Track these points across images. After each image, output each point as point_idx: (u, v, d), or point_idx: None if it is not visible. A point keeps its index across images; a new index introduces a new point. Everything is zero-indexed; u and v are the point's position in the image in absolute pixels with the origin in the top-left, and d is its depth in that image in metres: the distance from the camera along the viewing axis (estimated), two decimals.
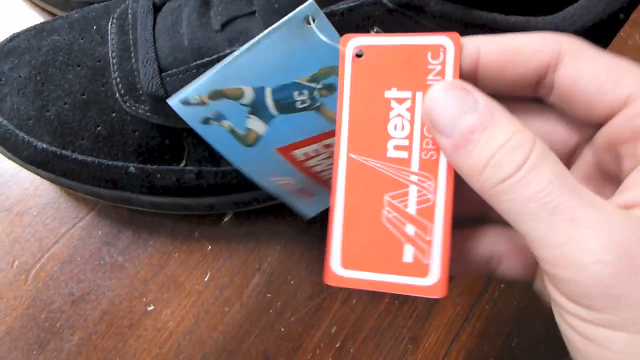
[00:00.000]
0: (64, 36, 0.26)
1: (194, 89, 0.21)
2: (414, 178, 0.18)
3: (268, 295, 0.29)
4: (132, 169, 0.25)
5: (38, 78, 0.25)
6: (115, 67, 0.24)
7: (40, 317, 0.29)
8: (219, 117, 0.22)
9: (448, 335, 0.30)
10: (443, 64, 0.18)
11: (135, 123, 0.25)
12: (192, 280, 0.29)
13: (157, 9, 0.25)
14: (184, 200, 0.27)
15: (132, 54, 0.24)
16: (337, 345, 0.29)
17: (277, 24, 0.20)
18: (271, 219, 0.31)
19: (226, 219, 0.30)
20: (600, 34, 0.23)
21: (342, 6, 0.20)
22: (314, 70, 0.21)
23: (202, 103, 0.21)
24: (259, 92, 0.21)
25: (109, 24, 0.25)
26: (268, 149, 0.23)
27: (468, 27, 0.21)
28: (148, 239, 0.30)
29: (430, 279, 0.17)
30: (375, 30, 0.20)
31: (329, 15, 0.20)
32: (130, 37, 0.24)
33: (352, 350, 0.29)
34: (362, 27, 0.21)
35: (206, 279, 0.30)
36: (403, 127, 0.18)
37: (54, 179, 0.27)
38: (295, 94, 0.22)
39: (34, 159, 0.26)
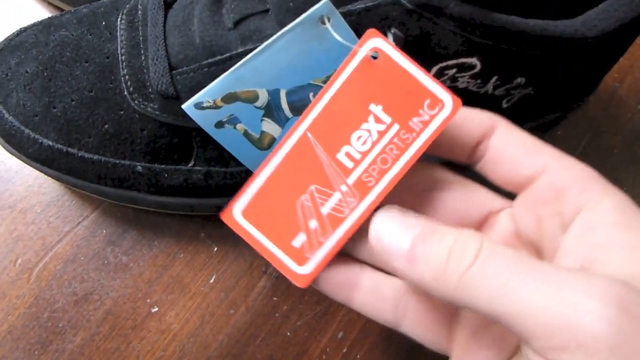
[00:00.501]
0: (72, 31, 0.25)
1: (207, 92, 0.21)
2: (343, 188, 0.19)
3: (274, 298, 0.29)
4: (139, 168, 0.25)
5: (45, 74, 0.25)
6: (124, 64, 0.24)
7: (42, 317, 0.28)
8: (233, 121, 0.21)
9: None
10: (432, 117, 0.19)
11: (144, 121, 0.24)
12: (198, 282, 0.29)
13: (167, 6, 0.24)
14: (191, 200, 0.27)
15: (142, 51, 0.24)
16: (344, 350, 0.29)
17: (291, 24, 0.20)
18: None
19: None
20: (621, 38, 0.23)
21: (359, 6, 0.20)
22: (329, 71, 0.21)
23: (216, 106, 0.21)
24: (274, 94, 0.21)
25: (118, 19, 0.25)
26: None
27: (486, 30, 0.21)
28: (153, 239, 0.29)
29: (303, 270, 0.20)
30: (392, 31, 0.20)
31: (345, 15, 0.20)
32: (140, 33, 0.24)
33: (358, 356, 0.29)
34: (379, 28, 0.20)
35: (212, 281, 0.29)
36: (365, 142, 0.19)
37: (59, 176, 0.26)
38: (311, 95, 0.21)
39: (40, 156, 0.25)
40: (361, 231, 0.20)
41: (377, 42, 0.18)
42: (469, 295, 0.15)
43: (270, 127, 0.22)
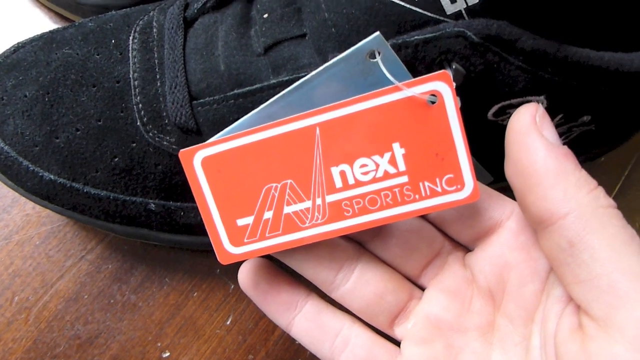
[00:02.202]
0: (77, 50, 0.22)
1: (233, 129, 0.18)
2: (318, 201, 0.18)
3: (297, 342, 0.26)
4: (152, 205, 0.22)
5: (46, 99, 0.22)
6: (137, 90, 0.21)
7: None
8: None
9: None
10: (444, 193, 0.18)
11: (159, 155, 0.21)
12: (213, 324, 0.26)
13: (187, 24, 0.21)
14: (208, 239, 0.24)
15: (158, 76, 0.21)
16: None
17: (335, 59, 0.17)
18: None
19: None
20: None
21: (416, 37, 0.17)
22: None
23: None
24: None
25: (130, 38, 0.22)
26: None
27: (559, 65, 0.18)
28: (164, 275, 0.27)
29: (232, 250, 0.19)
30: (454, 67, 0.17)
31: (400, 47, 0.17)
32: (156, 55, 0.21)
33: None
34: (438, 64, 0.17)
35: (228, 323, 0.26)
36: (366, 173, 0.18)
37: (61, 212, 0.23)
38: None
39: (40, 190, 0.22)
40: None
41: (440, 87, 0.16)
42: (594, 228, 0.16)
43: None
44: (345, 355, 0.21)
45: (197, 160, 0.18)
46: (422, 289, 0.21)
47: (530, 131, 0.16)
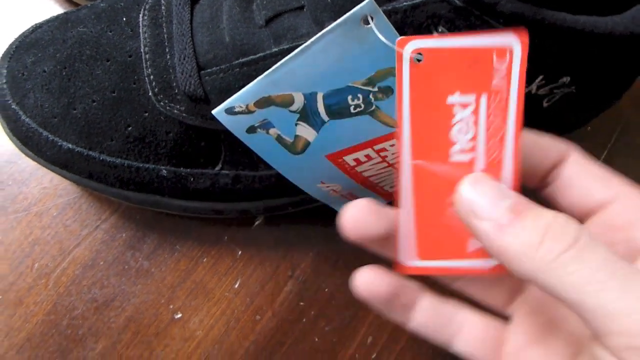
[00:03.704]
0: (90, 28, 0.24)
1: (240, 96, 0.20)
2: None
3: (301, 303, 0.28)
4: (164, 172, 0.24)
5: (64, 73, 0.23)
6: (148, 63, 0.23)
7: (61, 324, 0.27)
8: (266, 125, 0.20)
9: None
10: (509, 66, 0.17)
11: (169, 123, 0.23)
12: (222, 287, 0.28)
13: (193, 1, 0.23)
14: (217, 205, 0.26)
15: (167, 50, 0.23)
16: (373, 356, 0.28)
17: (331, 25, 0.18)
18: (304, 223, 0.29)
19: (257, 223, 0.29)
20: None
21: (404, 3, 0.19)
22: (370, 73, 0.19)
23: (249, 111, 0.20)
24: (310, 98, 0.20)
25: (140, 15, 0.24)
26: (317, 156, 0.21)
27: (536, 27, 0.20)
28: (175, 242, 0.29)
29: (492, 262, 0.19)
30: (440, 30, 0.19)
31: (390, 13, 0.19)
32: (165, 30, 0.23)
33: None
34: (425, 27, 0.19)
35: (236, 286, 0.28)
36: (467, 131, 0.18)
37: (78, 180, 0.25)
38: (349, 98, 0.20)
39: (58, 159, 0.24)
40: None
41: (415, 44, 0.17)
42: (556, 278, 0.15)
43: (305, 130, 0.21)
44: (460, 337, 0.21)
45: (416, 263, 0.19)
46: None
47: (472, 217, 0.17)
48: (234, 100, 0.20)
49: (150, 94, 0.23)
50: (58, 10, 0.31)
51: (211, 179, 0.24)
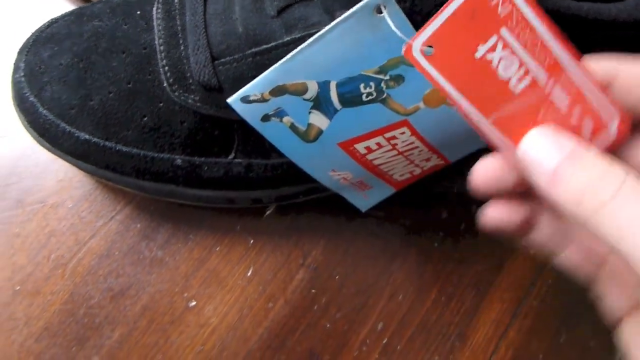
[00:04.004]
0: (105, 22, 0.25)
1: (255, 85, 0.20)
2: (549, 87, 0.18)
3: (312, 291, 0.29)
4: (178, 161, 0.24)
5: (80, 66, 0.24)
6: (162, 54, 0.23)
7: (78, 313, 0.28)
8: (280, 114, 0.21)
9: (496, 332, 0.29)
10: None
11: (184, 113, 0.24)
12: (235, 275, 0.29)
13: None
14: (231, 193, 0.26)
15: (181, 41, 0.23)
16: (384, 341, 0.28)
17: (345, 14, 0.19)
18: (315, 212, 0.30)
19: (268, 212, 0.29)
20: None
21: None
22: (382, 62, 0.20)
23: (263, 100, 0.20)
24: (324, 86, 0.20)
25: (154, 9, 0.24)
26: (329, 143, 0.22)
27: None
28: (188, 232, 0.29)
29: (614, 126, 0.18)
30: None
31: (400, 1, 0.19)
32: (178, 22, 0.23)
33: (398, 347, 0.28)
34: (433, 14, 0.20)
35: (249, 274, 0.29)
36: (511, 63, 0.18)
37: (95, 171, 0.26)
38: (362, 86, 0.21)
39: (75, 150, 0.25)
40: None
41: (417, 43, 0.18)
42: (602, 227, 0.16)
43: (317, 119, 0.22)
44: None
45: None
46: None
47: (531, 171, 0.17)
48: (249, 89, 0.20)
49: (165, 84, 0.23)
50: (72, 6, 0.31)
51: (225, 167, 0.25)
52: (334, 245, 0.29)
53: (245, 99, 0.20)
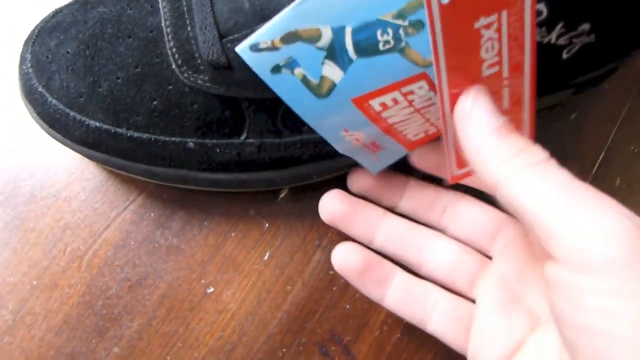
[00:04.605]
0: (110, 7, 0.24)
1: (266, 31, 0.19)
2: (505, 82, 0.20)
3: (330, 272, 0.28)
4: (190, 144, 0.24)
5: (87, 53, 0.24)
6: (169, 36, 0.23)
7: (97, 305, 0.28)
8: (291, 64, 0.20)
9: None
10: None
11: (194, 95, 0.23)
12: (251, 260, 0.28)
13: None
14: (243, 175, 0.26)
15: (187, 21, 0.23)
16: (405, 321, 0.28)
17: None
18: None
19: (282, 195, 0.29)
20: None
21: None
22: (400, 5, 0.19)
23: (274, 48, 0.20)
24: (338, 32, 0.19)
25: None
26: (342, 99, 0.21)
27: None
28: (202, 219, 0.29)
29: None
30: None
31: None
32: (184, 3, 0.23)
33: None
34: None
35: (265, 258, 0.28)
36: (493, 48, 0.19)
37: (107, 159, 0.25)
38: (379, 32, 0.19)
39: (87, 139, 0.25)
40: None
41: None
42: (521, 187, 0.17)
43: (331, 70, 0.20)
44: (435, 315, 0.24)
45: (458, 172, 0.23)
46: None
47: (467, 119, 0.19)
48: (260, 35, 0.19)
49: (173, 66, 0.23)
50: None
51: (237, 148, 0.24)
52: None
53: (254, 47, 0.20)
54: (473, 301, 0.25)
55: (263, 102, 0.23)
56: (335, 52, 0.20)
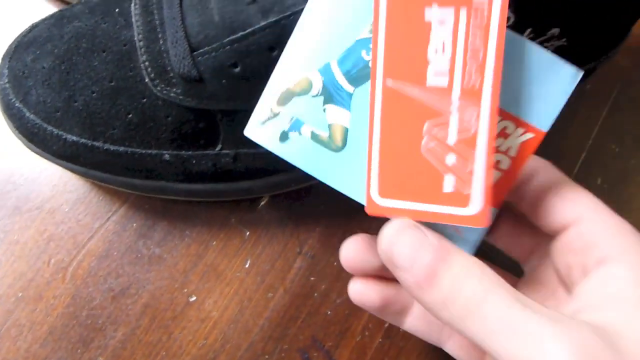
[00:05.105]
0: (85, 22, 0.25)
1: (261, 103, 0.19)
2: (454, 107, 0.17)
3: (311, 278, 0.29)
4: (166, 156, 0.24)
5: (62, 67, 0.24)
6: (142, 50, 0.23)
7: (81, 315, 0.28)
8: (296, 125, 0.19)
9: None
10: None
11: (168, 108, 0.24)
12: (233, 268, 0.29)
13: None
14: (221, 185, 0.26)
15: (160, 35, 0.23)
16: (386, 325, 0.28)
17: None
18: (308, 200, 0.30)
19: (262, 203, 0.29)
20: None
21: None
22: (370, 17, 0.18)
23: (274, 114, 0.19)
24: (326, 71, 0.19)
25: (132, 5, 0.24)
26: (361, 142, 0.19)
27: None
28: (184, 228, 0.29)
29: (472, 209, 0.17)
30: None
31: None
32: (156, 17, 0.23)
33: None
34: None
35: (247, 266, 0.29)
36: (443, 51, 0.17)
37: (85, 172, 0.26)
38: (364, 53, 0.19)
39: (65, 152, 0.25)
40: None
41: None
42: (468, 327, 0.16)
43: (336, 115, 0.19)
44: (451, 342, 0.23)
45: (379, 201, 0.18)
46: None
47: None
48: (258, 109, 0.19)
49: (146, 80, 0.23)
50: (52, 10, 0.32)
51: (212, 159, 0.25)
52: (330, 231, 0.29)
53: (258, 122, 0.19)
54: None
55: (236, 114, 0.23)
56: (331, 93, 0.19)
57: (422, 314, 0.23)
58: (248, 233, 0.29)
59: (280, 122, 0.19)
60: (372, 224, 0.29)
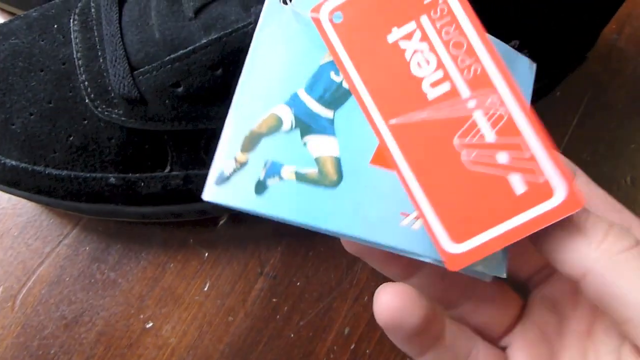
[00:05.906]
0: (22, 39, 0.23)
1: (219, 154, 0.15)
2: (471, 103, 0.15)
3: (273, 300, 0.27)
4: (112, 179, 0.23)
5: None
6: (81, 69, 0.22)
7: (32, 345, 0.27)
8: (274, 169, 0.16)
9: None
10: None
11: (110, 129, 0.22)
12: (191, 291, 0.27)
13: (122, 0, 0.22)
14: (173, 207, 0.25)
15: (99, 53, 0.22)
16: (352, 347, 0.27)
17: (259, 22, 0.17)
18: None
19: (221, 222, 0.28)
20: None
21: None
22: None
23: (241, 165, 0.15)
24: (295, 102, 0.16)
25: (71, 21, 0.23)
26: (360, 170, 0.16)
27: None
28: (139, 251, 0.28)
29: (560, 194, 0.15)
30: None
31: None
32: (96, 34, 0.22)
33: (367, 351, 0.27)
34: None
35: (206, 289, 0.27)
36: (428, 61, 0.15)
37: (29, 197, 0.24)
38: (332, 74, 0.17)
39: (4, 177, 0.23)
40: None
41: (329, 5, 0.16)
42: (614, 274, 0.15)
43: (321, 144, 0.16)
44: None
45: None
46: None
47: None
48: (215, 162, 0.15)
49: (87, 100, 0.22)
50: None
51: (162, 181, 0.23)
52: (293, 251, 0.28)
53: (220, 179, 0.15)
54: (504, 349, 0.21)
55: (183, 134, 0.22)
56: (307, 124, 0.16)
57: (453, 335, 0.19)
58: (207, 254, 0.28)
59: (252, 171, 0.15)
60: (338, 239, 0.28)
